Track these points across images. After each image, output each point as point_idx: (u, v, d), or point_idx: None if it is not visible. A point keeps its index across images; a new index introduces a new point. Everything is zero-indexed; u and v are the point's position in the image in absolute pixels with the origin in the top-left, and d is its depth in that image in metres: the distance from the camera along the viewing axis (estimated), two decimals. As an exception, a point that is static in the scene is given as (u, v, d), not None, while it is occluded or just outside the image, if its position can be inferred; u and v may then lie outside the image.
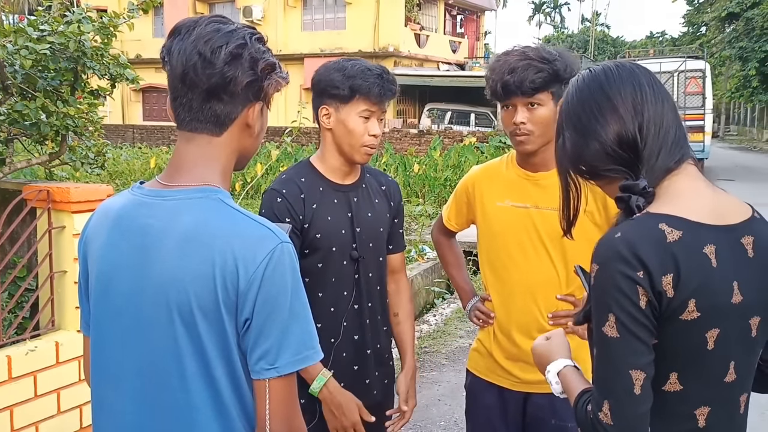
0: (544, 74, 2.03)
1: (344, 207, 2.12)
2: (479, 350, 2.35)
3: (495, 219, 2.23)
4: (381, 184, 2.26)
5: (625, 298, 1.20)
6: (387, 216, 2.23)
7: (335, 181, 2.14)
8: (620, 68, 1.36)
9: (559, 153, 1.42)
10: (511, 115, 2.09)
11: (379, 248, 2.20)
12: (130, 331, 1.28)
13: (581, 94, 1.37)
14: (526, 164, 2.20)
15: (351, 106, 2.05)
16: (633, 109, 1.30)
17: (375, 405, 2.17)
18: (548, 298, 2.16)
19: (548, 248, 2.15)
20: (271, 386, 1.22)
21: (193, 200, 1.27)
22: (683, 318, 1.22)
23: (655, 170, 1.29)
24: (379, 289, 2.22)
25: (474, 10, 33.29)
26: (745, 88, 32.71)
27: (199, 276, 1.21)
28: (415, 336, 5.75)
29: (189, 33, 1.27)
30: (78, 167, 3.98)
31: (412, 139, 22.14)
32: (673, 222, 1.23)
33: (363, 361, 2.16)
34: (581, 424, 1.30)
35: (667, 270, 1.20)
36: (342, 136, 2.08)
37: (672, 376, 1.27)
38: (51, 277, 3.03)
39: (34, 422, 2.85)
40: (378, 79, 2.04)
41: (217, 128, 1.30)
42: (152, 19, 29.05)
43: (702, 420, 1.29)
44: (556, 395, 1.48)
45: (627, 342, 1.21)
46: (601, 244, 1.26)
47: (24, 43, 3.24)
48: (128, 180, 12.73)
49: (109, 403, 1.33)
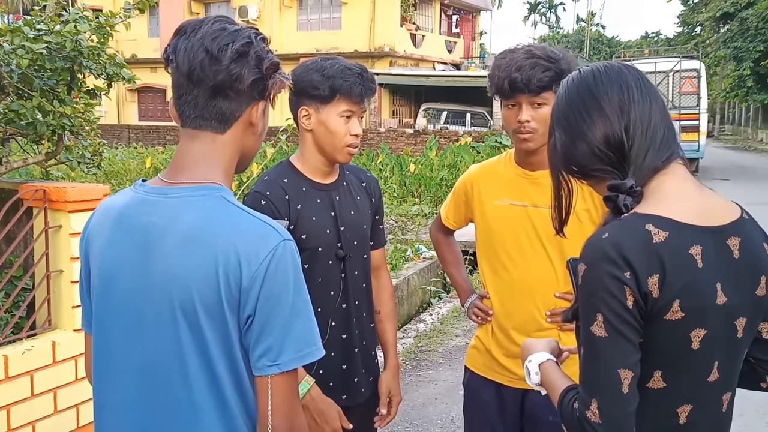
0: (551, 73, 2.04)
1: (328, 206, 2.11)
2: (477, 347, 2.36)
3: (493, 217, 2.25)
4: (361, 181, 2.26)
5: (612, 299, 1.22)
6: (369, 212, 2.23)
7: (317, 180, 2.12)
8: (608, 69, 1.37)
9: (551, 153, 1.44)
10: (515, 113, 2.10)
11: (364, 246, 2.20)
12: (132, 328, 1.29)
13: (569, 95, 1.38)
14: (524, 163, 2.21)
15: (332, 106, 2.03)
16: (619, 109, 1.31)
17: (363, 403, 2.18)
18: (546, 296, 2.18)
19: (546, 246, 2.16)
20: (273, 383, 1.22)
21: (196, 198, 1.27)
22: (668, 318, 1.23)
23: (642, 170, 1.30)
24: (364, 286, 2.21)
25: (469, 10, 33.31)
26: (739, 87, 32.82)
27: (201, 273, 1.21)
28: (411, 335, 5.78)
29: (195, 32, 1.28)
30: (74, 167, 3.97)
31: (408, 138, 22.14)
32: (660, 223, 1.24)
33: (351, 360, 2.16)
34: (567, 422, 1.31)
35: (653, 271, 1.21)
36: (323, 137, 2.06)
37: (656, 374, 1.28)
38: (47, 277, 3.03)
39: (31, 422, 2.85)
40: (358, 78, 2.03)
41: (222, 126, 1.31)
42: (147, 19, 28.95)
43: (683, 417, 1.31)
44: (532, 386, 1.49)
45: (615, 341, 1.22)
46: (589, 244, 1.28)
47: (20, 43, 3.24)
48: (124, 180, 12.69)
49: (111, 400, 1.34)
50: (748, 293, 1.30)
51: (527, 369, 1.49)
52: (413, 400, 4.51)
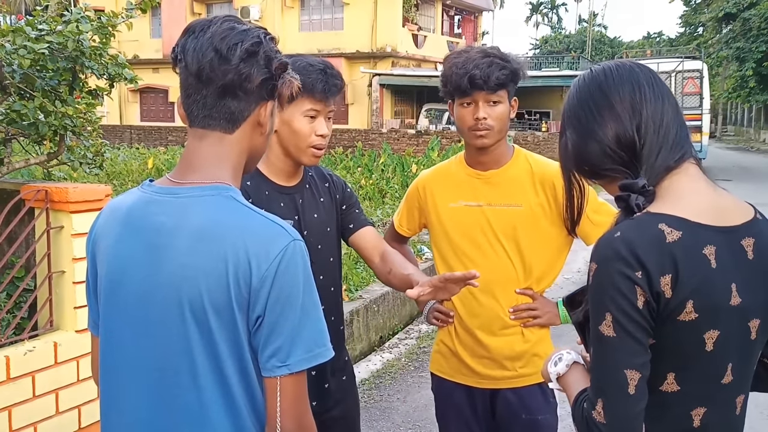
0: (507, 72, 2.11)
1: (291, 210, 2.04)
2: (442, 351, 2.35)
3: (449, 220, 2.26)
4: (324, 181, 2.18)
5: (622, 298, 1.20)
6: (334, 212, 2.15)
7: (280, 183, 2.05)
8: (620, 68, 1.35)
9: (562, 153, 1.42)
10: (471, 111, 2.13)
11: (329, 249, 2.12)
12: (140, 329, 1.28)
13: (581, 94, 1.37)
14: (476, 163, 2.25)
15: (295, 105, 1.95)
16: (631, 108, 1.30)
17: (333, 406, 2.14)
18: (508, 293, 2.21)
19: (504, 244, 2.19)
20: (282, 384, 1.22)
21: (204, 197, 1.26)
22: (681, 319, 1.22)
23: (654, 169, 1.28)
24: (333, 290, 2.14)
25: (471, 11, 33.29)
26: (742, 88, 32.77)
27: (211, 273, 1.21)
28: (413, 336, 5.77)
29: (204, 31, 1.27)
30: (76, 167, 3.97)
31: (410, 139, 22.15)
32: (673, 222, 1.23)
33: (319, 366, 2.11)
34: (577, 422, 1.29)
35: (666, 270, 1.20)
36: (287, 138, 1.98)
37: (669, 376, 1.27)
38: (49, 278, 3.02)
39: (33, 423, 2.84)
40: (321, 74, 1.95)
41: (230, 125, 1.30)
42: (150, 20, 28.99)
43: (697, 420, 1.29)
44: (550, 376, 1.44)
45: (623, 341, 1.21)
46: (601, 243, 1.26)
47: (22, 43, 3.23)
48: (126, 180, 12.69)
49: (119, 401, 1.33)
50: (762, 294, 1.29)
51: (559, 356, 1.44)
52: (416, 401, 4.50)
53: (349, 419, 2.24)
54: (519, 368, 2.24)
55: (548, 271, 2.25)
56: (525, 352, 2.23)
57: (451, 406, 2.34)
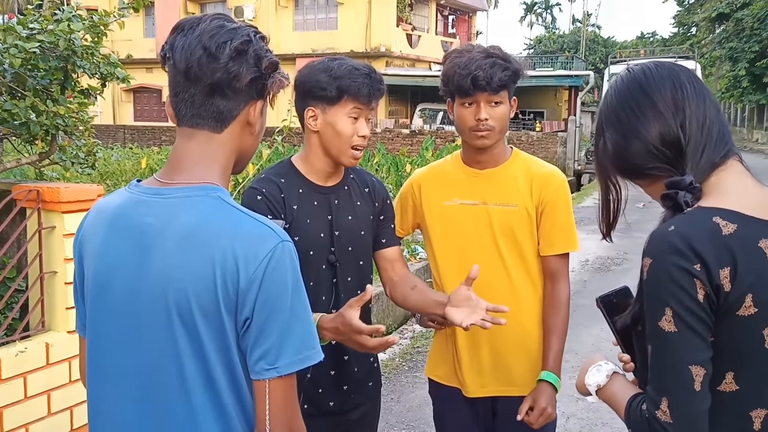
0: (509, 72, 2.11)
1: (324, 209, 2.06)
2: (440, 355, 2.34)
3: (444, 218, 2.25)
4: (365, 186, 2.19)
5: (682, 291, 1.17)
6: (370, 218, 2.16)
7: (317, 182, 2.07)
8: (659, 67, 1.34)
9: (600, 155, 1.40)
10: (473, 111, 2.12)
11: (360, 252, 2.12)
12: (128, 331, 1.26)
13: (620, 94, 1.35)
14: (473, 162, 2.24)
15: (339, 107, 1.98)
16: (674, 106, 1.29)
17: (354, 408, 2.13)
18: (500, 293, 2.17)
19: (499, 243, 2.19)
20: (271, 387, 1.20)
21: (192, 198, 1.25)
22: (740, 314, 1.18)
23: (700, 166, 1.27)
24: (359, 293, 2.11)
25: (466, 11, 33.33)
26: (735, 88, 32.93)
27: (198, 275, 1.19)
28: (407, 336, 5.76)
29: (193, 29, 1.26)
30: (68, 167, 3.95)
31: (404, 139, 22.15)
32: (727, 215, 1.20)
33: (340, 365, 2.10)
34: (635, 426, 1.25)
35: (724, 263, 1.17)
36: (330, 139, 2.01)
37: (728, 375, 1.23)
38: (41, 278, 3.00)
39: (25, 424, 2.82)
40: (366, 78, 1.99)
41: (219, 124, 1.29)
42: (143, 19, 28.96)
43: (758, 423, 1.24)
44: (590, 386, 1.41)
45: (685, 337, 1.17)
46: (654, 237, 1.23)
47: (13, 42, 3.21)
48: (119, 180, 12.64)
49: (106, 404, 1.31)
50: None
51: (597, 367, 1.42)
52: (410, 401, 4.49)
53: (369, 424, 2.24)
54: (518, 383, 2.21)
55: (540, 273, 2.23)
56: (523, 360, 2.22)
57: (450, 409, 2.32)
